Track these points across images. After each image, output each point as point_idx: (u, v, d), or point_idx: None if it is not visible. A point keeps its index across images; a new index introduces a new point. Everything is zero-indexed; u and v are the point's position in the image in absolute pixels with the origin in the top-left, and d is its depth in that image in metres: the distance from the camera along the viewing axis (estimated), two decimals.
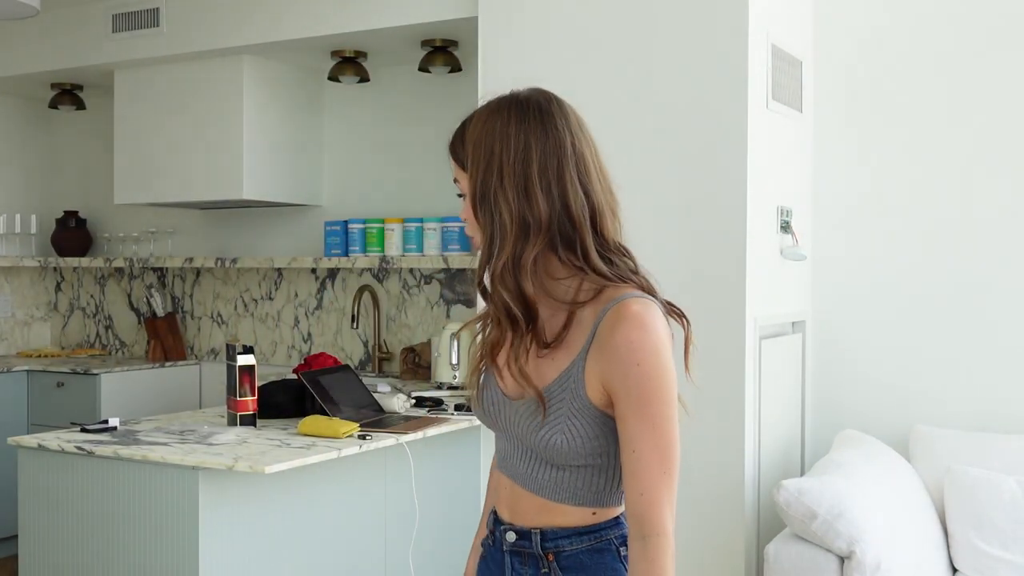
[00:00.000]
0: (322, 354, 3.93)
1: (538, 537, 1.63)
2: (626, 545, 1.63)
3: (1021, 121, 3.57)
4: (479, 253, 1.62)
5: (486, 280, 1.62)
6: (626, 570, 1.61)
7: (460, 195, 1.65)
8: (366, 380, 3.88)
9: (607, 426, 1.56)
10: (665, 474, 1.53)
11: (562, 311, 1.60)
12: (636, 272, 1.65)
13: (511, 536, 1.66)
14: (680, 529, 3.58)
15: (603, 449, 1.57)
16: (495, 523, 1.71)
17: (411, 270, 4.50)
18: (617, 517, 1.64)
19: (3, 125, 5.48)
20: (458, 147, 1.63)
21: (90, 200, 5.51)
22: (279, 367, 4.77)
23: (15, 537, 3.06)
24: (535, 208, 1.56)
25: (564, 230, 1.58)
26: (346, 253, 4.46)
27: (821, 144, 3.85)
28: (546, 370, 1.59)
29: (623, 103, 3.44)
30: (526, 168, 1.57)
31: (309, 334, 4.79)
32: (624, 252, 1.66)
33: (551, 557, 1.63)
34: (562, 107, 1.65)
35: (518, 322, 1.58)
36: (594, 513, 1.62)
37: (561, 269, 1.60)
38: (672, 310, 1.64)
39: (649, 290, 1.63)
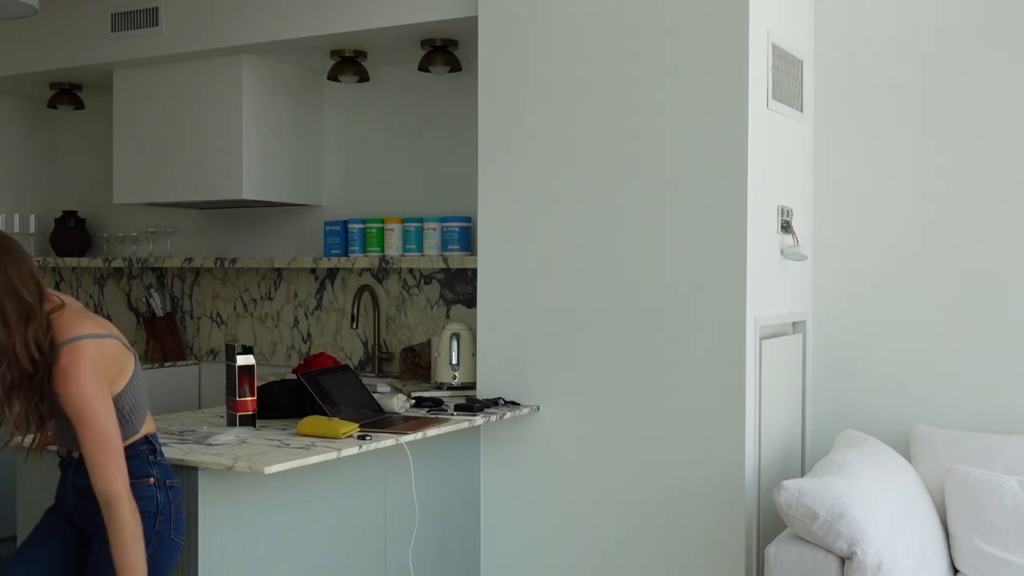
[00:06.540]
0: (322, 354, 3.93)
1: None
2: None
3: (1022, 120, 3.57)
4: None
5: None
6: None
7: None
8: (366, 380, 3.88)
9: None
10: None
11: None
12: None
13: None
14: (680, 529, 3.59)
15: None
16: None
17: (411, 270, 4.50)
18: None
19: (2, 125, 5.47)
20: None
21: (89, 200, 5.50)
22: (279, 367, 4.76)
23: (15, 537, 3.05)
24: None
25: None
26: (346, 253, 4.46)
27: (821, 144, 3.85)
28: None
29: (623, 103, 3.44)
30: None
31: (309, 334, 4.79)
32: None
33: None
34: None
35: None
36: None
37: None
38: None
39: None
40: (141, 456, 2.45)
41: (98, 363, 2.33)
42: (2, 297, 2.24)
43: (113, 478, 2.28)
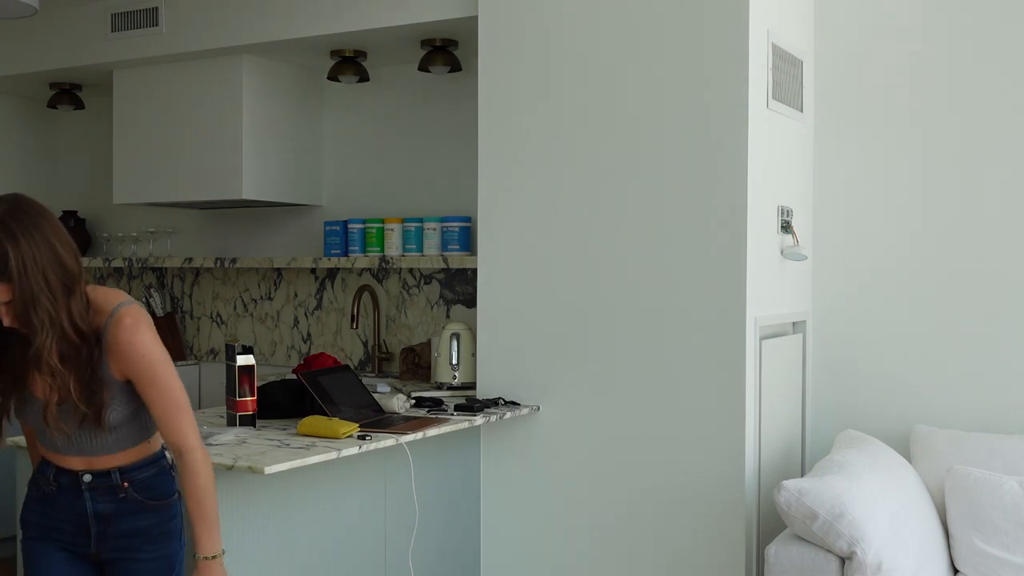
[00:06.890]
0: (322, 354, 3.93)
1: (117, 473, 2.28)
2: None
3: (1022, 120, 3.57)
4: None
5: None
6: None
7: None
8: (366, 380, 3.88)
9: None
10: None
11: None
12: None
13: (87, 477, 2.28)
14: (680, 529, 3.59)
15: None
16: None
17: (411, 270, 4.50)
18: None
19: (2, 125, 5.47)
20: None
21: (89, 200, 5.50)
22: (279, 367, 4.76)
23: (15, 537, 3.05)
24: None
25: None
26: (346, 253, 4.46)
27: (821, 144, 3.85)
28: None
29: (623, 103, 3.44)
30: None
31: (309, 334, 4.79)
32: None
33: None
34: None
35: None
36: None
37: None
38: None
39: None
40: (166, 473, 2.36)
41: (152, 326, 2.26)
42: (47, 267, 2.12)
43: (187, 431, 2.22)
